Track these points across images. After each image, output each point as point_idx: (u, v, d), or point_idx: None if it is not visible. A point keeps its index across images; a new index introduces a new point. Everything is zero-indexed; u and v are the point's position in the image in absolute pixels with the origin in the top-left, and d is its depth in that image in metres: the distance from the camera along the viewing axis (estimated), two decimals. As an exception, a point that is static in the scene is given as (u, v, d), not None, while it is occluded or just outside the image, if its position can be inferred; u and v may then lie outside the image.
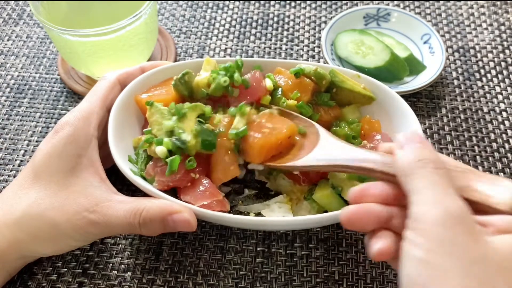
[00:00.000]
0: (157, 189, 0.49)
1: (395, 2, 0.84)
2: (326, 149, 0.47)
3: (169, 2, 0.84)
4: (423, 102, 0.70)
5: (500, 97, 0.71)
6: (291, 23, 0.81)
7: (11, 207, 0.47)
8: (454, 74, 0.74)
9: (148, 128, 0.52)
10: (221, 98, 0.54)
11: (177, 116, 0.50)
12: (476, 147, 0.66)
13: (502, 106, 0.70)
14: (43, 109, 0.69)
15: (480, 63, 0.75)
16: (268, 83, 0.54)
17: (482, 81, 0.73)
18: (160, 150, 0.49)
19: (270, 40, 0.78)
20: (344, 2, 0.84)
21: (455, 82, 0.73)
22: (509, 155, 0.65)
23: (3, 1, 0.83)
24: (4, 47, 0.77)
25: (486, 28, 0.80)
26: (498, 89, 0.72)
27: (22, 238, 0.47)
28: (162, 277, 0.53)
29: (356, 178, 0.50)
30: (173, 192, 0.51)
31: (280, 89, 0.54)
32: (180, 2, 0.84)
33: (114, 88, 0.53)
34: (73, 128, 0.48)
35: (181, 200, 0.49)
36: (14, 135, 0.66)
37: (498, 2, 0.84)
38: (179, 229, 0.46)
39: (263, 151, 0.50)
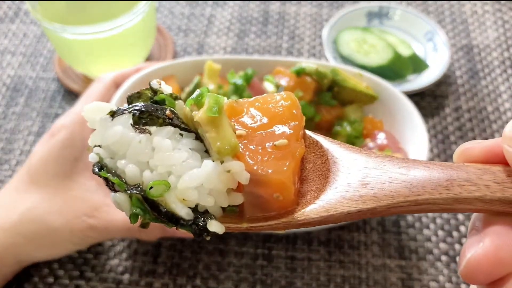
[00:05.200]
0: None
1: (398, 0, 0.83)
2: (361, 175, 0.26)
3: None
4: (426, 101, 0.69)
5: (504, 96, 0.70)
6: (292, 21, 0.80)
7: (8, 211, 0.46)
8: (457, 72, 0.73)
9: None
10: None
11: None
12: (480, 147, 0.65)
13: (507, 105, 0.69)
14: (40, 108, 0.68)
15: (484, 62, 0.74)
16: (270, 88, 0.53)
17: (486, 80, 0.72)
18: None
19: (270, 38, 0.77)
20: (345, 0, 0.83)
21: (459, 81, 0.72)
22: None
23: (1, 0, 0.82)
24: (0, 45, 0.76)
25: (490, 26, 0.79)
26: (502, 88, 0.71)
27: (20, 242, 0.46)
28: (161, 280, 0.52)
29: None
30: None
31: (281, 88, 0.53)
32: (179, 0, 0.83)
33: (109, 90, 0.53)
34: (69, 132, 0.48)
35: None
36: (10, 134, 0.65)
37: (502, 1, 0.83)
38: (178, 234, 0.46)
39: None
